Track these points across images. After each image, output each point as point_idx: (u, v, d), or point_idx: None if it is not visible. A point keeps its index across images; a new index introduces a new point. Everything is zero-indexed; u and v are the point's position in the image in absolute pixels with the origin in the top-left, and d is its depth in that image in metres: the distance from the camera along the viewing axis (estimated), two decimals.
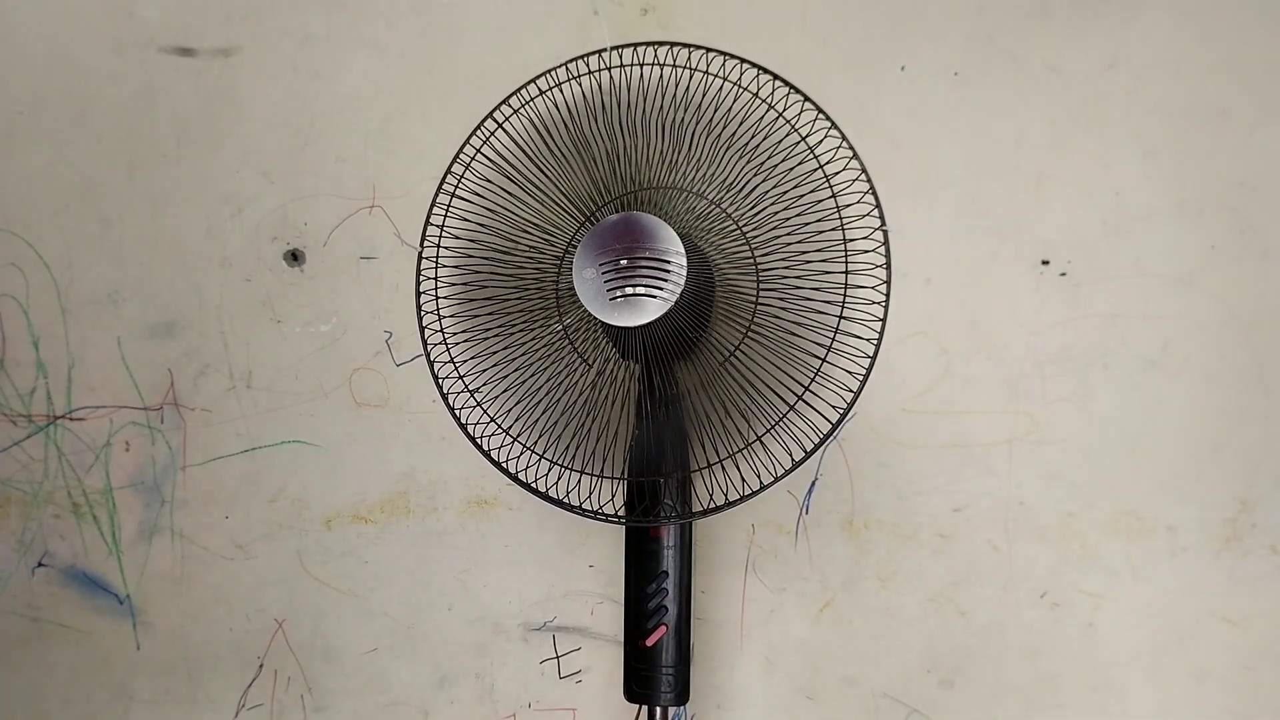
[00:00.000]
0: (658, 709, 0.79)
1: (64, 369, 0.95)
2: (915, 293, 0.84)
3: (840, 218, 0.75)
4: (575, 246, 0.75)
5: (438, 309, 0.82)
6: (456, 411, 0.80)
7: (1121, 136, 0.83)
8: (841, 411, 0.75)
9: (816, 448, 0.75)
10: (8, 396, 0.95)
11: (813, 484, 0.86)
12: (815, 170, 0.76)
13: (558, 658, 0.90)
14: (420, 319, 0.82)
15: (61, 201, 0.95)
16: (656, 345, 0.75)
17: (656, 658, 0.78)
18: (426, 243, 0.82)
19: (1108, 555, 0.83)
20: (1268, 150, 0.81)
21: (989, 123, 0.84)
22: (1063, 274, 0.83)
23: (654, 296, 0.71)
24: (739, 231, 0.78)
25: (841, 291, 0.75)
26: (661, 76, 0.79)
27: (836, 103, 0.78)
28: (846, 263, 0.75)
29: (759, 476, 0.75)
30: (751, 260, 0.77)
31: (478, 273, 0.83)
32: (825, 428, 0.75)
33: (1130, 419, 0.83)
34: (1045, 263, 0.83)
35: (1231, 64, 0.82)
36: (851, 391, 0.75)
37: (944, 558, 0.85)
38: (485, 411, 0.81)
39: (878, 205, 0.76)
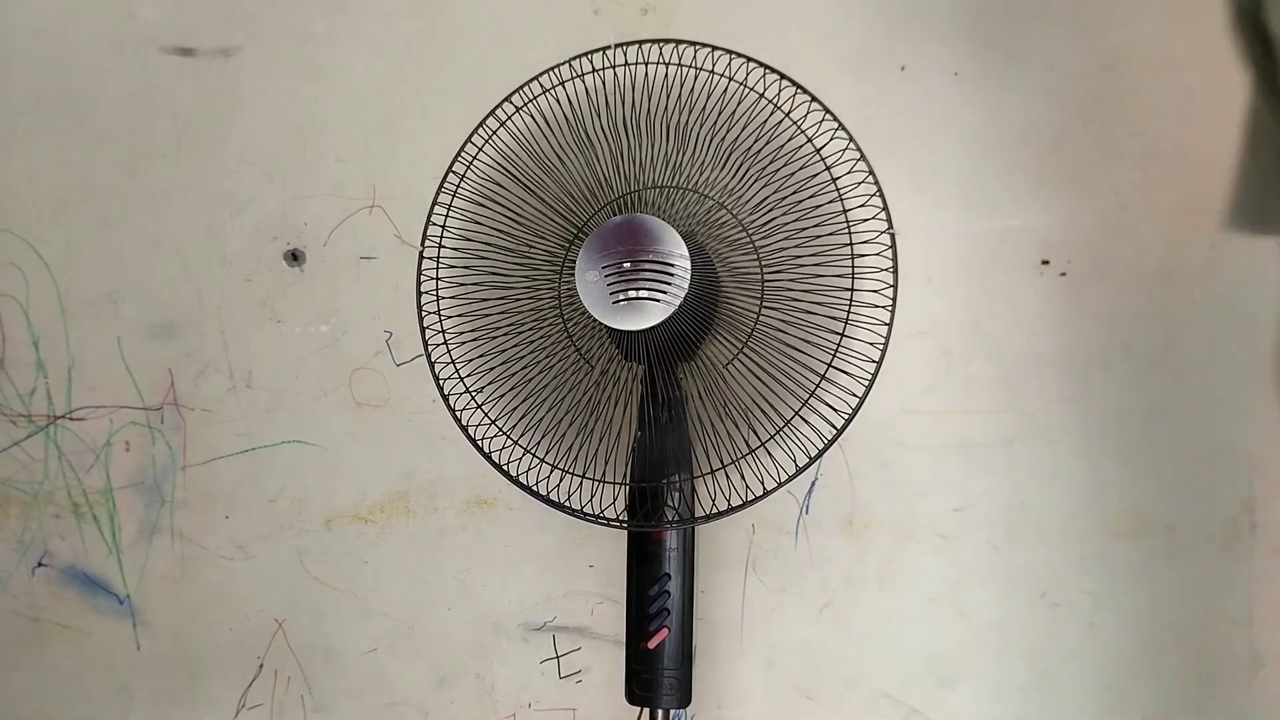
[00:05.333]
0: (659, 711, 0.79)
1: (64, 369, 0.94)
2: (916, 293, 0.84)
3: (846, 220, 0.75)
4: (578, 247, 0.74)
5: (439, 309, 0.82)
6: (457, 412, 0.80)
7: (1121, 136, 0.83)
8: (846, 417, 0.75)
9: (820, 454, 0.75)
10: (8, 396, 0.95)
11: (813, 484, 0.86)
12: (821, 173, 0.76)
13: (558, 658, 0.90)
14: (421, 319, 0.82)
15: (61, 201, 0.94)
16: (659, 348, 0.74)
17: (658, 660, 0.78)
18: (427, 242, 0.82)
19: (1108, 555, 0.83)
20: None
21: (989, 123, 0.84)
22: (1063, 274, 0.83)
23: (657, 300, 0.70)
24: (744, 233, 0.77)
25: (847, 295, 0.75)
26: (666, 76, 0.79)
27: (837, 103, 0.77)
28: (853, 266, 0.75)
29: (762, 482, 0.75)
30: (757, 263, 0.77)
31: (479, 273, 0.83)
32: (828, 431, 0.75)
33: (1130, 419, 0.83)
34: (1045, 263, 0.84)
35: (1231, 64, 0.82)
36: (856, 396, 0.75)
37: (944, 558, 0.85)
38: (486, 414, 0.80)
39: (885, 209, 0.75)
